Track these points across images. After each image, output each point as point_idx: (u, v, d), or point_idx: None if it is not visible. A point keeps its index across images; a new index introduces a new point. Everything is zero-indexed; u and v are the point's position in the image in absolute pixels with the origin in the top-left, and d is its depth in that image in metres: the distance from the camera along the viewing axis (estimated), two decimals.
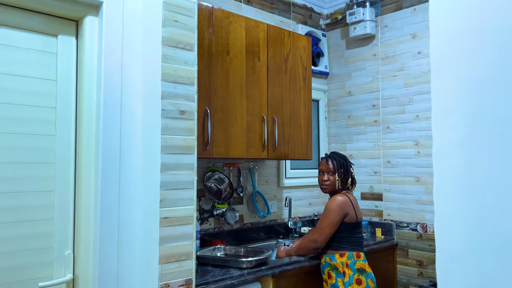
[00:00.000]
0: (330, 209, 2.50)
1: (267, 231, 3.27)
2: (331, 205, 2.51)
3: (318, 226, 2.53)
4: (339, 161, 2.61)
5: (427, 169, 3.19)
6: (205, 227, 2.90)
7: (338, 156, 2.64)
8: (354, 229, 2.54)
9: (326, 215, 2.50)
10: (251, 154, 2.61)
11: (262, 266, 2.36)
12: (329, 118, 3.88)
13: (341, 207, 2.49)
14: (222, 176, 2.92)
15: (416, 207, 3.24)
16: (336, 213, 2.48)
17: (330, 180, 2.59)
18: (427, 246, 3.16)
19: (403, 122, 3.34)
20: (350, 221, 2.51)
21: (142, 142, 1.56)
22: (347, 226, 2.51)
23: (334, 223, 2.48)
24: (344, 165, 2.62)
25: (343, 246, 2.51)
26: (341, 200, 2.51)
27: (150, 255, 1.56)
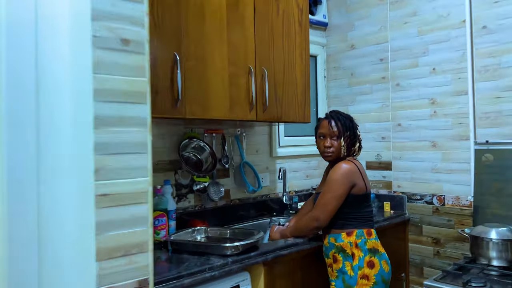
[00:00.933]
0: (334, 180, 2.02)
1: (258, 208, 2.80)
2: (335, 174, 2.02)
3: (319, 201, 2.05)
4: (345, 122, 2.11)
5: (446, 131, 2.70)
6: (183, 205, 2.42)
7: (342, 116, 2.14)
8: (363, 202, 2.07)
9: (330, 186, 2.02)
10: (235, 115, 2.10)
11: (251, 252, 1.89)
12: (329, 77, 3.36)
13: (348, 176, 2.01)
14: (202, 144, 2.42)
15: (431, 176, 2.77)
16: (341, 184, 2.00)
17: (334, 146, 2.09)
18: (445, 221, 2.71)
19: (417, 77, 2.83)
20: (358, 192, 2.04)
21: (65, 83, 1.04)
22: (354, 198, 2.04)
23: (340, 196, 2.00)
24: (350, 127, 2.13)
25: (350, 223, 2.04)
26: (347, 168, 2.03)
27: (83, 248, 1.07)
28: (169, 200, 2.19)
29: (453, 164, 2.67)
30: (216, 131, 2.55)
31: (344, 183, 2.00)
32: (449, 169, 2.69)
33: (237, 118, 2.10)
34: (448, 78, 2.69)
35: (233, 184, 2.66)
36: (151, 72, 1.23)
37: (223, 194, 2.55)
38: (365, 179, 2.09)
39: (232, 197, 2.67)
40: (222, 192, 2.55)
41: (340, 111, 2.18)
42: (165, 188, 2.20)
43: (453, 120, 2.67)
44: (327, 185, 2.04)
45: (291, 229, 2.19)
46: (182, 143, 2.33)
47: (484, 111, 2.53)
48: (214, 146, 2.53)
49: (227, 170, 2.64)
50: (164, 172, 2.33)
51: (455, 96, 2.65)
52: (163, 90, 1.81)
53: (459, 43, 2.63)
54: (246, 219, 2.69)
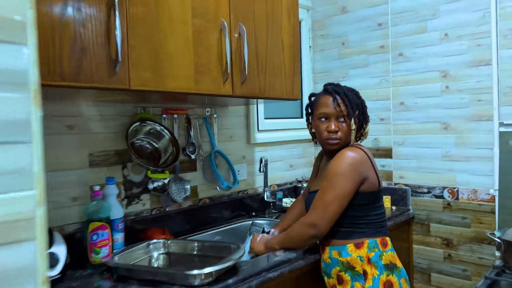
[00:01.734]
0: (338, 173, 1.49)
1: (234, 207, 2.24)
2: (340, 165, 1.50)
3: (318, 201, 1.52)
4: (353, 99, 1.59)
5: (461, 110, 2.22)
6: (135, 210, 1.83)
7: (348, 91, 1.61)
8: (375, 201, 1.56)
9: (332, 182, 1.49)
10: (204, 87, 1.51)
11: (228, 278, 1.34)
12: (315, 47, 2.81)
13: (356, 168, 1.49)
14: (159, 128, 1.83)
15: (442, 165, 2.30)
16: (348, 179, 1.48)
17: (343, 129, 1.56)
18: (459, 219, 2.25)
19: (424, 45, 2.33)
20: (370, 189, 1.53)
21: None
22: (365, 197, 1.52)
23: (346, 195, 1.48)
24: (359, 104, 1.61)
25: (359, 231, 1.54)
26: (354, 158, 1.50)
27: None
28: (113, 205, 1.60)
29: (469, 150, 2.20)
30: (178, 111, 1.96)
31: (351, 177, 1.48)
32: (465, 156, 2.22)
33: (206, 92, 1.52)
34: (464, 46, 2.19)
35: (202, 179, 2.08)
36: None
37: (188, 193, 1.98)
38: (377, 171, 1.58)
39: (200, 196, 2.10)
40: (188, 191, 1.98)
41: (340, 84, 1.65)
42: (107, 189, 1.61)
43: (471, 97, 2.19)
44: (329, 180, 1.51)
45: (279, 239, 1.65)
46: (131, 128, 1.73)
47: (511, 84, 2.06)
48: (176, 131, 1.94)
49: (194, 161, 2.06)
50: (108, 167, 1.73)
51: (474, 67, 2.17)
52: (94, 46, 1.20)
53: (478, 2, 2.14)
54: (220, 222, 2.14)
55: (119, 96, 1.50)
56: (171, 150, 1.85)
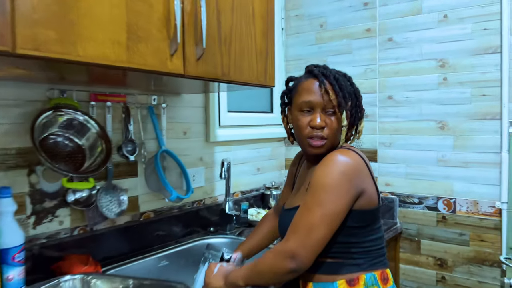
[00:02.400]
0: (327, 185, 1.06)
1: (187, 222, 1.78)
2: (330, 174, 1.07)
3: (298, 221, 1.09)
4: (346, 85, 1.18)
5: (461, 107, 1.87)
6: (47, 230, 1.33)
7: (340, 75, 1.21)
8: (374, 222, 1.16)
9: (318, 197, 1.06)
10: (140, 60, 1.04)
11: None
12: (288, 30, 2.39)
13: (352, 177, 1.07)
14: (82, 119, 1.33)
15: (437, 171, 1.94)
16: (341, 193, 1.06)
17: (331, 126, 1.15)
18: (456, 235, 1.90)
19: (419, 28, 1.96)
20: (368, 206, 1.12)
21: None
22: (361, 217, 1.11)
23: (337, 215, 1.06)
24: (353, 93, 1.21)
25: (353, 262, 1.13)
26: (349, 164, 1.08)
27: None
28: (8, 228, 1.10)
29: (470, 153, 1.85)
30: (114, 97, 1.48)
31: (344, 190, 1.06)
32: (464, 160, 1.87)
33: (144, 66, 1.05)
34: (467, 29, 1.84)
35: (145, 188, 1.61)
36: None
37: (125, 206, 1.50)
38: (376, 182, 1.17)
39: (142, 209, 1.62)
40: (124, 203, 1.50)
41: (328, 66, 1.23)
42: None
43: (474, 91, 1.84)
44: (314, 195, 1.08)
45: (245, 272, 1.19)
46: (41, 118, 1.23)
47: None
48: (109, 124, 1.46)
49: (134, 165, 1.58)
50: (5, 172, 1.22)
51: (478, 55, 1.82)
52: None
53: None
54: (168, 242, 1.67)
55: (12, 67, 1.00)
56: (100, 148, 1.36)
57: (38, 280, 1.22)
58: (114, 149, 1.50)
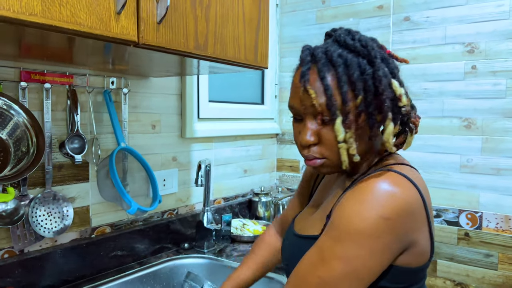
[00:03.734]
0: (358, 232, 0.67)
1: (155, 239, 1.42)
2: (366, 214, 0.67)
3: (312, 275, 0.71)
4: (348, 71, 0.71)
5: (493, 102, 1.54)
6: None
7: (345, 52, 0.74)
8: (420, 280, 0.77)
9: (343, 247, 0.68)
10: (65, 17, 0.68)
11: None
12: (284, 6, 2.03)
13: (399, 225, 0.67)
14: (1, 103, 0.97)
15: (460, 178, 1.62)
16: (377, 247, 0.67)
17: (327, 141, 0.74)
18: (482, 256, 1.58)
19: (443, 5, 1.62)
20: (416, 263, 0.73)
21: None
22: (402, 277, 0.73)
23: (365, 277, 0.68)
24: (362, 81, 0.71)
25: None
26: (399, 203, 0.67)
27: None
28: None
29: (503, 159, 1.53)
30: (54, 77, 1.11)
31: (385, 245, 0.68)
32: (495, 167, 1.54)
33: (74, 26, 0.69)
34: (504, 6, 1.51)
35: (98, 196, 1.24)
36: None
37: (70, 220, 1.14)
38: (433, 227, 0.78)
39: (95, 223, 1.26)
40: (69, 217, 1.14)
41: (352, 32, 0.82)
42: None
43: (510, 82, 1.51)
44: (336, 240, 0.69)
45: None
46: None
47: None
48: (47, 113, 1.09)
49: (83, 166, 1.22)
50: None
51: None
52: None
53: None
54: (129, 264, 1.32)
55: None
56: (29, 144, 1.00)
57: None
58: (55, 146, 1.13)
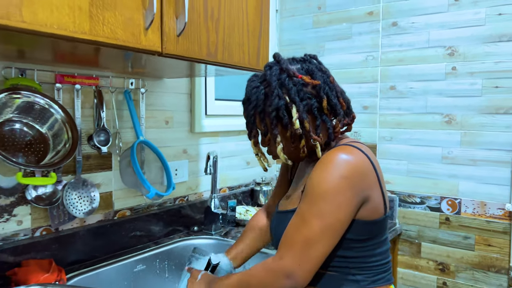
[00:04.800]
0: (326, 192, 0.89)
1: (167, 221, 1.60)
2: (329, 177, 0.90)
3: (295, 235, 0.92)
4: (255, 94, 0.98)
5: (471, 99, 1.72)
6: (4, 232, 1.15)
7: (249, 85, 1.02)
8: (379, 234, 0.98)
9: (316, 207, 0.90)
10: (107, 32, 0.86)
11: None
12: (283, 12, 2.20)
13: (356, 181, 0.90)
14: (43, 102, 1.14)
15: (442, 169, 1.79)
16: (343, 200, 0.89)
17: (273, 151, 1.05)
18: (460, 238, 1.76)
19: (427, 12, 1.79)
20: (373, 216, 0.95)
21: None
22: (364, 230, 0.95)
23: (338, 228, 0.90)
24: (256, 100, 0.98)
25: (353, 278, 0.97)
26: (353, 165, 0.91)
27: None
28: None
29: (480, 151, 1.71)
30: (83, 79, 1.29)
31: (347, 198, 0.90)
32: (473, 158, 1.72)
33: (112, 40, 0.87)
34: (480, 14, 1.68)
35: (120, 183, 1.43)
36: None
37: (97, 204, 1.32)
38: (384, 186, 0.99)
39: (117, 206, 1.44)
40: (96, 200, 1.32)
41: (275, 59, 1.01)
42: None
43: (485, 82, 1.69)
44: (311, 203, 0.91)
45: (232, 283, 1.03)
46: None
47: None
48: (77, 110, 1.27)
49: (107, 157, 1.40)
50: None
51: (491, 43, 1.66)
52: None
53: None
54: (146, 243, 1.50)
55: None
56: (65, 137, 1.18)
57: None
58: (84, 139, 1.31)
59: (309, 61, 1.00)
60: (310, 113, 0.95)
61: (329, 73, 0.99)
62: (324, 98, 0.95)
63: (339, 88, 1.00)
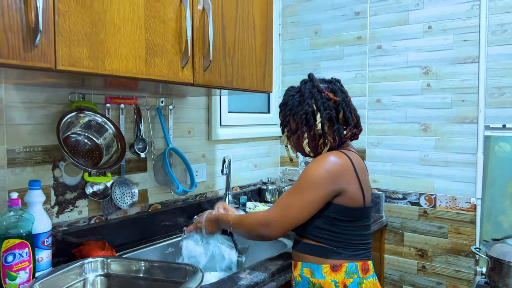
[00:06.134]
0: (308, 175, 1.27)
1: (191, 214, 1.94)
2: (313, 168, 1.27)
3: (280, 199, 1.30)
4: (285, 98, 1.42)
5: (443, 111, 2.04)
6: (68, 219, 1.49)
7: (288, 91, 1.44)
8: (358, 220, 1.32)
9: (300, 184, 1.27)
10: (157, 72, 1.20)
11: None
12: (285, 35, 2.55)
13: (334, 177, 1.25)
14: (101, 120, 1.50)
15: (420, 169, 2.12)
16: (320, 188, 1.24)
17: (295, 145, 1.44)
18: (435, 228, 2.08)
19: (405, 38, 2.13)
20: (349, 204, 1.28)
21: None
22: (343, 212, 1.28)
23: (311, 204, 1.25)
24: (292, 105, 1.37)
25: (337, 251, 1.30)
26: (332, 163, 1.26)
27: None
28: (37, 216, 1.26)
29: (450, 154, 2.03)
30: (126, 100, 1.64)
31: (323, 186, 1.24)
32: (445, 160, 2.05)
33: (160, 78, 1.21)
34: (449, 40, 2.01)
35: (153, 182, 1.77)
36: None
37: (136, 198, 1.66)
38: (364, 185, 1.32)
39: (151, 201, 1.79)
40: (135, 195, 1.66)
41: (308, 78, 1.42)
42: (30, 196, 1.27)
43: (454, 97, 2.01)
44: (298, 181, 1.29)
45: (235, 218, 1.41)
46: (65, 119, 1.38)
47: (498, 85, 1.90)
48: (122, 125, 1.62)
49: (144, 161, 1.74)
50: (33, 167, 1.38)
51: (459, 64, 1.99)
52: (4, 8, 0.87)
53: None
54: (173, 231, 1.84)
55: (46, 77, 1.16)
56: (116, 147, 1.52)
57: (61, 262, 1.39)
58: (127, 147, 1.66)
59: (334, 83, 1.39)
60: (329, 120, 1.32)
61: (347, 94, 1.37)
62: (341, 111, 1.32)
63: (353, 106, 1.37)
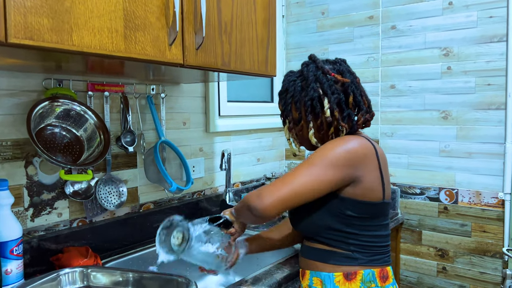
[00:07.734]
0: (324, 152, 1.06)
1: (188, 213, 1.76)
2: (335, 147, 1.05)
3: (286, 174, 1.07)
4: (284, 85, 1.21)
5: (466, 96, 1.84)
6: (45, 223, 1.31)
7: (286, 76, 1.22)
8: (376, 217, 1.12)
9: (311, 158, 1.06)
10: (139, 49, 1.01)
11: None
12: (289, 17, 2.34)
13: (354, 160, 1.05)
14: (79, 109, 1.31)
15: (439, 161, 1.92)
16: (333, 164, 1.03)
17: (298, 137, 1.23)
18: (458, 226, 1.89)
19: (423, 16, 1.92)
20: (366, 197, 1.08)
21: None
22: (358, 207, 1.08)
23: (319, 180, 1.03)
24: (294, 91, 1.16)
25: (352, 255, 1.10)
26: (358, 148, 1.06)
27: None
28: (5, 222, 1.09)
29: (474, 144, 1.83)
30: (111, 86, 1.45)
31: (338, 166, 1.03)
32: (468, 151, 1.85)
33: (142, 56, 1.02)
34: (472, 17, 1.80)
35: (144, 179, 1.58)
36: None
37: (125, 197, 1.48)
38: (385, 177, 1.12)
39: (142, 200, 1.60)
40: (124, 194, 1.48)
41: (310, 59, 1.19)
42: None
43: (478, 80, 1.81)
44: (310, 156, 1.07)
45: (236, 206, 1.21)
46: (37, 108, 1.20)
47: None
48: (107, 115, 1.43)
49: (133, 156, 1.56)
50: (3, 164, 1.20)
51: (483, 44, 1.78)
52: None
53: None
54: None
55: (7, 57, 0.97)
56: (98, 140, 1.34)
57: (37, 272, 1.21)
58: (113, 140, 1.47)
59: (339, 63, 1.17)
60: (338, 105, 1.11)
61: (356, 75, 1.15)
62: (351, 94, 1.11)
63: (363, 88, 1.16)
